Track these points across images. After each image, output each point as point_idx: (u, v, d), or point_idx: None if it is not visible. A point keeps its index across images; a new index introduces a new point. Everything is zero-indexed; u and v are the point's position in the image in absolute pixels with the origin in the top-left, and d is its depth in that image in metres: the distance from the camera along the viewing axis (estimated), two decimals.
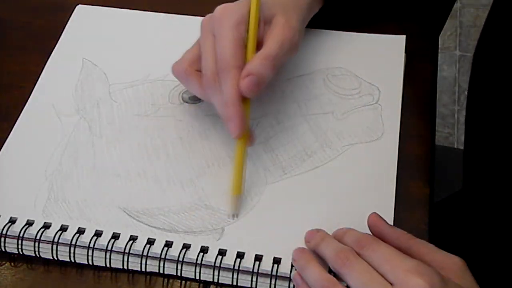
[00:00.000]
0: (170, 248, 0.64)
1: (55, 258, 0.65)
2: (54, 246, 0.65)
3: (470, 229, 0.86)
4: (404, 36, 0.80)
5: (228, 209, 0.67)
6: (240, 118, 0.65)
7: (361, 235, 0.60)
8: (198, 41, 0.71)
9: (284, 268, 0.63)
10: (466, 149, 0.84)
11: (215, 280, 0.63)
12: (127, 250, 0.64)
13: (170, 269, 0.64)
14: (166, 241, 0.65)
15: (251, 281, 0.63)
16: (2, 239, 0.65)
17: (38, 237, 0.65)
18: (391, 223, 0.65)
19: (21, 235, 0.65)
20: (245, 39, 0.67)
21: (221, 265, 0.63)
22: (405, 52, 0.78)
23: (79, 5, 0.86)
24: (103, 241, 0.65)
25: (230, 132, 0.66)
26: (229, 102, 0.65)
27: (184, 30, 0.75)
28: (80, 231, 0.66)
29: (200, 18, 0.70)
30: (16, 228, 0.66)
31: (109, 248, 0.64)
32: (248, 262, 0.63)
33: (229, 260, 0.63)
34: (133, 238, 0.65)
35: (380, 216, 0.62)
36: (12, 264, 0.66)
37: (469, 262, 0.59)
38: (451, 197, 0.97)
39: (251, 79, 0.65)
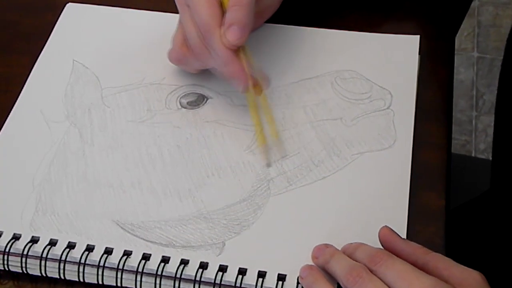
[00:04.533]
0: (167, 264, 0.64)
1: (44, 274, 0.65)
2: (43, 262, 0.65)
3: (490, 238, 0.86)
4: (418, 36, 0.80)
5: (263, 160, 0.71)
6: (240, 72, 0.69)
7: (373, 251, 0.60)
8: (179, 20, 0.74)
9: (290, 286, 0.63)
10: (495, 153, 0.84)
11: None
12: (120, 266, 0.64)
13: (166, 286, 0.64)
14: (163, 256, 0.65)
15: None
16: None
17: (25, 252, 0.65)
18: (404, 236, 0.65)
19: (6, 250, 0.65)
20: None
21: (222, 282, 0.63)
22: (419, 53, 0.79)
23: (69, 3, 0.86)
24: (95, 256, 0.65)
25: (236, 89, 0.70)
26: (223, 61, 0.69)
27: None
28: (70, 246, 0.66)
29: None
30: (1, 243, 0.66)
31: (101, 264, 0.64)
32: (250, 279, 0.63)
33: (230, 277, 0.64)
34: (127, 253, 0.65)
35: (393, 230, 0.62)
36: None
37: (488, 275, 0.59)
38: (468, 204, 0.97)
39: (233, 29, 0.68)
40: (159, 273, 0.64)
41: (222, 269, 0.64)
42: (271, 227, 0.67)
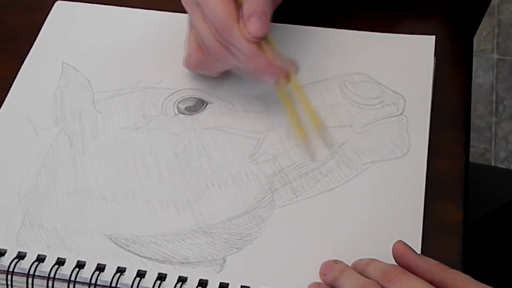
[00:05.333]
0: (163, 282, 0.65)
1: None
2: (30, 280, 0.65)
3: (511, 254, 0.86)
4: (434, 37, 0.80)
5: (306, 155, 0.72)
6: (267, 64, 0.69)
7: (386, 267, 0.60)
8: (188, 22, 0.73)
9: None
10: None
11: None
12: (113, 284, 0.65)
13: None
14: (159, 273, 0.65)
15: None
16: None
17: (10, 269, 0.65)
18: (419, 252, 0.65)
19: None
20: None
21: None
22: (435, 55, 0.79)
23: (58, 1, 0.86)
24: (86, 273, 0.65)
25: (266, 83, 0.70)
26: (247, 57, 0.69)
27: (180, 30, 0.76)
28: (60, 262, 0.66)
29: None
30: None
31: (93, 281, 0.65)
32: None
33: None
34: (120, 270, 0.65)
35: (407, 245, 0.62)
36: None
37: None
38: (487, 217, 0.97)
39: (253, 21, 0.68)
40: None
41: (223, 287, 0.64)
42: (276, 241, 0.67)
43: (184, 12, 0.75)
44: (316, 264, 0.65)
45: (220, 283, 0.64)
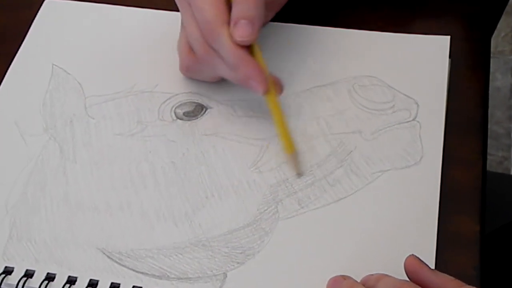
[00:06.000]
0: None
1: None
2: None
3: None
4: (449, 37, 0.80)
5: (292, 171, 0.71)
6: (257, 71, 0.69)
7: (398, 283, 0.60)
8: (181, 21, 0.74)
9: None
10: None
11: None
12: None
13: None
14: None
15: None
16: None
17: None
18: (433, 267, 0.65)
19: None
20: None
21: None
22: (450, 57, 0.79)
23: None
24: None
25: (255, 92, 0.70)
26: (235, 62, 0.69)
27: (177, 30, 0.76)
28: (49, 278, 0.66)
29: None
30: None
31: None
32: None
33: None
34: (114, 286, 0.66)
35: (420, 259, 0.63)
36: None
37: None
38: (505, 228, 0.97)
39: (241, 24, 0.69)
40: None
41: None
42: (280, 256, 0.67)
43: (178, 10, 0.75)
44: (323, 279, 0.65)
45: None
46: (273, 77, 0.72)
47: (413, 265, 0.62)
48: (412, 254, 0.63)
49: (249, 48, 0.70)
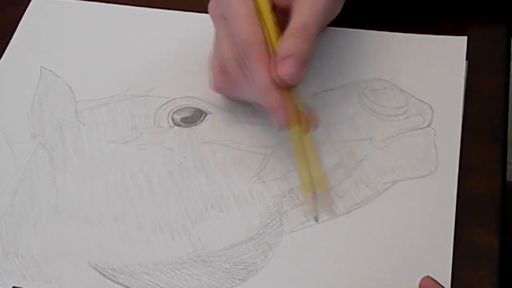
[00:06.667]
0: None
1: None
2: None
3: None
4: (466, 38, 0.81)
5: (309, 212, 0.70)
6: (280, 103, 0.68)
7: None
8: (214, 35, 0.73)
9: None
10: None
11: None
12: None
13: None
14: None
15: None
16: None
17: None
18: (448, 284, 0.65)
19: None
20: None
21: None
22: (466, 58, 0.79)
23: None
24: None
25: (279, 126, 0.69)
26: (262, 89, 0.68)
27: (175, 29, 0.76)
28: None
29: (192, 14, 0.71)
30: None
31: None
32: None
33: None
34: None
35: (436, 281, 0.62)
36: None
37: None
38: None
39: (290, 63, 0.67)
40: None
41: None
42: (285, 272, 0.67)
43: (180, 10, 0.75)
44: None
45: None
46: (311, 113, 0.72)
47: (428, 286, 0.62)
48: (428, 276, 0.63)
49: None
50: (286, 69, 0.67)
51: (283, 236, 0.69)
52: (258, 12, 0.69)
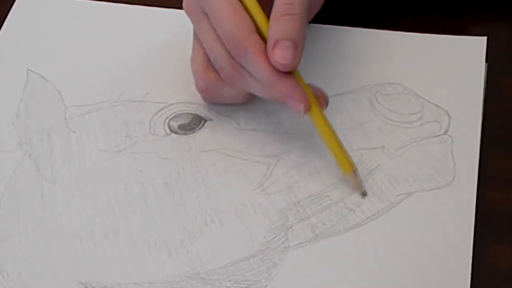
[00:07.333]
0: None
1: None
2: None
3: None
4: (485, 38, 0.81)
5: (355, 190, 0.72)
6: (295, 89, 0.68)
7: None
8: (193, 34, 0.73)
9: None
10: None
11: None
12: None
13: None
14: None
15: None
16: None
17: None
18: None
19: None
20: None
21: None
22: (486, 61, 0.79)
23: None
24: None
25: (295, 111, 0.69)
26: (268, 82, 0.68)
27: (171, 29, 0.76)
28: None
29: None
30: None
31: None
32: None
33: None
34: None
35: None
36: None
37: None
38: None
39: (283, 46, 0.67)
40: None
41: None
42: None
43: (178, 7, 0.75)
44: None
45: None
46: (316, 90, 0.72)
47: None
48: None
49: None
50: (279, 54, 0.67)
51: (288, 252, 0.69)
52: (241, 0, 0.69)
